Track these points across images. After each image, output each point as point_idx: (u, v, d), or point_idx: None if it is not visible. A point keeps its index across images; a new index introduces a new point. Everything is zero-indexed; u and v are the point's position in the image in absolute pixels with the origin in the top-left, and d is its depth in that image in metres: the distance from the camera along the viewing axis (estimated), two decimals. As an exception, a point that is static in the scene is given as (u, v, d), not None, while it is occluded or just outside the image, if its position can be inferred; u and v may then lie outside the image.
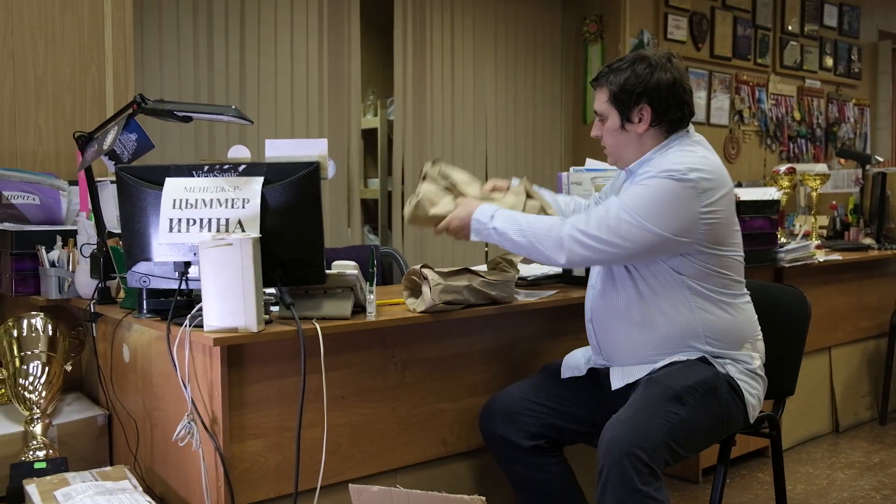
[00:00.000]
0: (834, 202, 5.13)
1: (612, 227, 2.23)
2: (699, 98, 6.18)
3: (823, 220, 5.21)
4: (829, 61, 7.41)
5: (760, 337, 2.45)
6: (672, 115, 2.35)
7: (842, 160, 5.67)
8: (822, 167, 6.00)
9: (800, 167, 4.89)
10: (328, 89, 4.72)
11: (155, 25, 4.06)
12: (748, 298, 2.44)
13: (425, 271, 2.46)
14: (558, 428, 2.43)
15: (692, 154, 2.30)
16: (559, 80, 5.89)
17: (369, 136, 5.61)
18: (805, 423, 4.25)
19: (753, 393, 2.36)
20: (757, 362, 2.39)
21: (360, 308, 2.41)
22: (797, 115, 7.09)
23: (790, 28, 6.92)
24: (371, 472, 2.42)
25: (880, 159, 4.89)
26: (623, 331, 2.38)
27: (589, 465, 2.38)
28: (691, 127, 2.43)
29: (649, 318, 2.33)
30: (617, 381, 2.37)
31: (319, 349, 2.19)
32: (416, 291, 2.53)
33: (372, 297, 2.39)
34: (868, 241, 4.75)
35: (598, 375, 2.50)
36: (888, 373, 4.59)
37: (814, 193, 4.54)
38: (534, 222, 2.35)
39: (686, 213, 2.22)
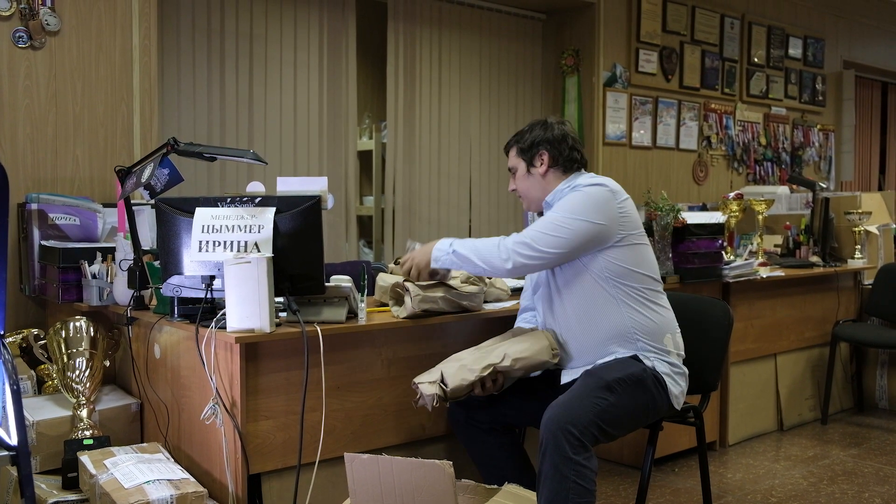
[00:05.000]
0: (788, 223, 5.59)
1: (548, 230, 2.73)
2: (668, 125, 6.68)
3: (778, 240, 5.69)
4: (795, 90, 7.87)
5: (679, 332, 2.92)
6: (566, 157, 2.91)
7: (793, 185, 6.15)
8: (783, 189, 6.51)
9: (748, 191, 5.33)
10: (327, 119, 5.20)
11: (174, 66, 4.53)
12: (667, 301, 2.92)
13: (407, 284, 2.96)
14: (511, 415, 2.90)
15: (598, 177, 2.90)
16: (539, 110, 6.32)
17: (365, 157, 6.05)
18: (752, 422, 4.73)
19: (676, 386, 2.84)
20: (676, 358, 2.85)
21: (353, 314, 2.90)
22: (763, 141, 7.56)
23: (756, 59, 7.39)
24: (361, 450, 2.83)
25: (824, 185, 5.35)
26: (567, 339, 2.85)
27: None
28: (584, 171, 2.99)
29: (587, 324, 2.80)
30: (565, 378, 2.87)
31: (319, 347, 2.67)
32: (399, 301, 3.02)
33: (363, 305, 2.89)
34: (815, 258, 5.23)
35: (550, 374, 2.95)
36: (829, 378, 5.06)
37: (759, 217, 5.01)
38: (484, 243, 2.81)
39: (606, 207, 2.77)
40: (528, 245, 2.73)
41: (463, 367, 2.74)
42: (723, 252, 4.39)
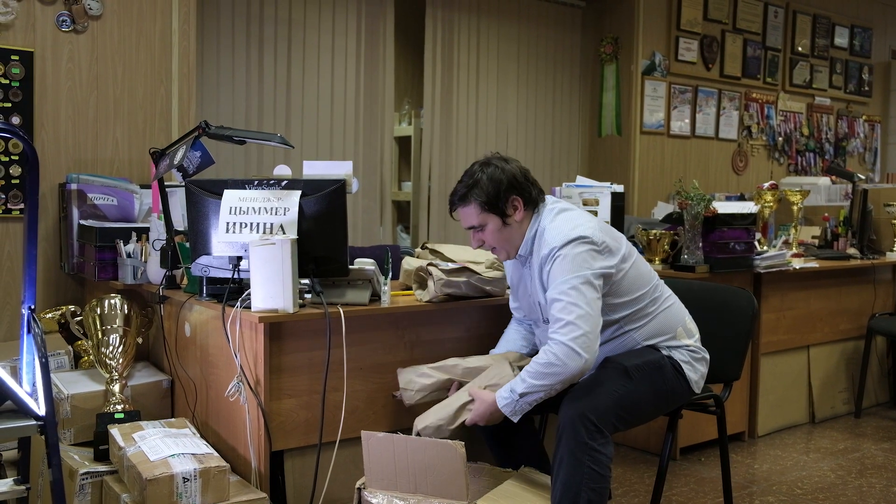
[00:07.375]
0: (826, 214, 5.54)
1: (577, 301, 2.51)
2: (708, 114, 6.63)
3: (816, 231, 5.63)
4: (840, 80, 7.74)
5: (688, 317, 2.88)
6: (534, 196, 2.72)
7: (833, 177, 6.07)
8: (825, 180, 6.44)
9: (788, 181, 5.25)
10: (364, 104, 5.25)
11: (214, 51, 4.60)
12: (671, 297, 2.86)
13: (430, 268, 3.00)
14: None
15: (564, 214, 2.70)
16: (577, 97, 6.33)
17: (404, 142, 6.10)
18: (782, 414, 4.71)
19: (694, 372, 2.82)
20: (691, 342, 2.82)
21: (376, 296, 2.95)
22: (805, 131, 7.46)
23: (800, 49, 7.28)
24: (381, 431, 2.93)
25: (862, 177, 5.28)
26: None
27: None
28: (548, 197, 2.81)
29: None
30: None
31: (342, 329, 2.72)
32: (423, 284, 3.06)
33: (386, 288, 2.94)
34: (853, 251, 5.17)
35: None
36: (864, 371, 5.02)
37: (794, 207, 4.96)
38: (539, 368, 2.52)
39: (599, 256, 2.59)
40: (574, 325, 2.50)
41: (439, 429, 2.68)
42: (755, 242, 4.36)
